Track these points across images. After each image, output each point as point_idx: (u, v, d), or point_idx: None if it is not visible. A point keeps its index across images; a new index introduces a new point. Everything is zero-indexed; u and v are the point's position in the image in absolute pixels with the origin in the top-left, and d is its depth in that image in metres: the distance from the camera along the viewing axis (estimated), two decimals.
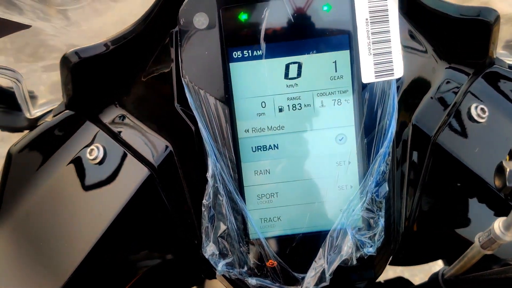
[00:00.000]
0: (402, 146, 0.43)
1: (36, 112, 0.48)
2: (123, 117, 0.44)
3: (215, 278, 0.44)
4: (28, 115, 0.47)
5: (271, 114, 0.38)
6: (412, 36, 0.43)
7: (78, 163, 0.44)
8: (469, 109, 0.45)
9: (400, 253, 0.47)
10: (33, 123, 0.51)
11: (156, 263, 0.45)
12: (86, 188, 0.43)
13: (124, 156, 0.43)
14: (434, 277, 0.42)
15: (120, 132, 0.44)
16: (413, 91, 0.43)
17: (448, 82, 0.45)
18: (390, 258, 0.44)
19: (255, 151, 0.39)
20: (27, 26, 0.41)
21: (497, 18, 0.43)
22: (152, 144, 0.43)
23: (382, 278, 0.62)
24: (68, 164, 0.44)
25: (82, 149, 0.44)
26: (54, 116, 0.45)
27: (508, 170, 0.30)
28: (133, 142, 0.43)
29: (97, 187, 0.43)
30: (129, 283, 0.44)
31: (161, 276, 0.48)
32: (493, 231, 0.32)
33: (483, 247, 0.34)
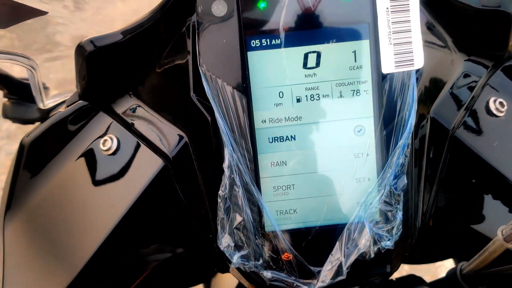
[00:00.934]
0: (420, 140, 0.42)
1: (48, 103, 0.48)
2: (137, 107, 0.44)
3: (229, 271, 0.43)
4: (41, 105, 0.46)
5: (289, 104, 0.38)
6: (431, 28, 0.42)
7: (91, 154, 0.43)
8: (488, 102, 0.44)
9: (416, 249, 0.46)
10: (44, 115, 0.50)
11: (169, 256, 0.44)
12: (99, 179, 0.43)
13: (138, 147, 0.42)
14: (452, 272, 0.41)
15: (134, 122, 0.44)
16: (431, 84, 0.42)
17: (466, 75, 0.45)
18: (406, 254, 0.43)
19: (272, 142, 0.38)
20: (44, 13, 0.40)
21: None
22: (167, 134, 0.42)
23: (393, 276, 0.61)
24: (81, 155, 0.43)
25: (95, 140, 0.43)
26: (68, 106, 0.45)
27: None
28: (148, 133, 0.43)
29: (110, 179, 0.42)
30: (141, 276, 0.43)
31: (174, 269, 0.47)
32: None
33: (507, 240, 0.33)
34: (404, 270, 1.50)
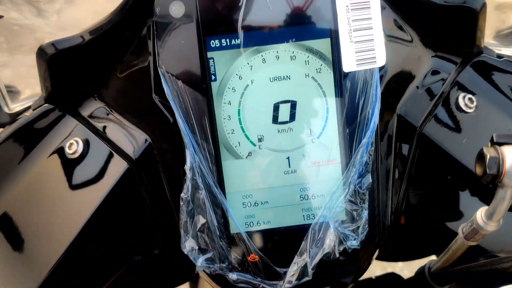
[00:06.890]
0: (387, 138, 0.42)
1: (15, 107, 0.47)
2: (102, 110, 0.43)
3: (197, 274, 0.43)
4: (6, 109, 0.46)
5: None
6: (397, 25, 0.42)
7: (56, 157, 0.43)
8: (457, 98, 0.44)
9: (387, 247, 0.46)
10: (14, 119, 0.50)
11: (137, 259, 0.44)
12: (65, 183, 0.42)
13: (103, 150, 0.42)
14: (421, 271, 0.41)
15: (99, 125, 0.43)
16: (397, 81, 0.42)
17: (434, 71, 0.44)
18: (376, 252, 0.43)
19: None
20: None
21: (483, 5, 0.42)
22: (131, 137, 0.42)
23: (373, 274, 0.61)
24: (46, 159, 0.43)
25: (60, 144, 0.43)
26: (33, 110, 0.44)
27: (488, 157, 0.29)
28: (112, 136, 0.42)
29: (76, 182, 0.42)
30: (110, 279, 0.43)
31: (144, 273, 0.47)
32: (475, 221, 0.31)
33: (467, 238, 0.33)
34: (398, 266, 1.50)
